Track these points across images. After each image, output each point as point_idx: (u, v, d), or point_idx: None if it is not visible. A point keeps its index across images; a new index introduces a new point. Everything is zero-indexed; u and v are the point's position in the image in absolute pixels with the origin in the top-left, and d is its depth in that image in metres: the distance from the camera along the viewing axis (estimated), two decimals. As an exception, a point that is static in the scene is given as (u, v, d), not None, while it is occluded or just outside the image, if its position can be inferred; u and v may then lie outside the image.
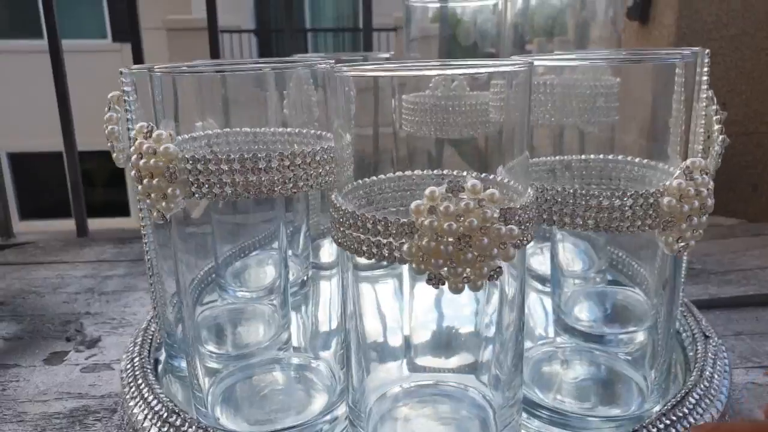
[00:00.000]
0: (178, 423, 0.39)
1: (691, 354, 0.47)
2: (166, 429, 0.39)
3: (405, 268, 0.38)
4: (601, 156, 0.41)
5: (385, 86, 0.35)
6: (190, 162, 0.34)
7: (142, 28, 0.95)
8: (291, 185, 0.35)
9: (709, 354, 0.45)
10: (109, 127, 0.48)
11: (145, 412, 0.41)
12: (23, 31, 5.66)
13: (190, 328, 0.41)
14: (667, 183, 0.35)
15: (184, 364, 0.47)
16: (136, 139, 0.35)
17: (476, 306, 0.39)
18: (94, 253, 0.86)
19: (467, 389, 0.39)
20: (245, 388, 0.44)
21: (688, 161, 0.35)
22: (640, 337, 0.45)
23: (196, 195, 0.35)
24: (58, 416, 0.48)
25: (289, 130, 0.41)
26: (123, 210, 5.91)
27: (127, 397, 0.43)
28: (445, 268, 0.28)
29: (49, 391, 0.51)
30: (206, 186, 0.34)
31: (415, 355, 0.41)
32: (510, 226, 0.28)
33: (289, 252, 0.52)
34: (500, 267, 0.29)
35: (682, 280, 0.49)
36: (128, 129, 0.45)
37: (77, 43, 5.24)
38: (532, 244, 0.54)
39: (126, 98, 0.45)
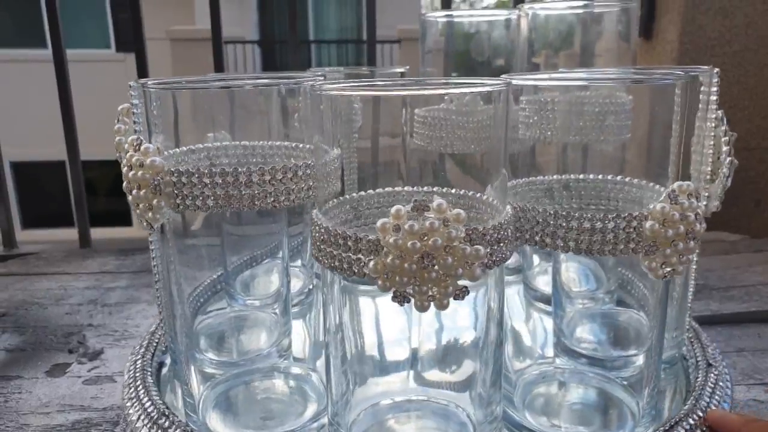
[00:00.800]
0: (166, 425, 0.40)
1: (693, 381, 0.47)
2: (155, 430, 0.40)
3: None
4: (600, 176, 0.41)
5: (396, 101, 0.35)
6: (175, 175, 0.36)
7: (145, 39, 0.96)
8: (271, 199, 0.36)
9: (709, 383, 0.44)
10: (117, 138, 0.49)
11: (139, 412, 0.42)
12: (27, 41, 5.69)
13: (182, 336, 0.42)
14: (651, 207, 0.34)
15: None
16: (128, 152, 0.37)
17: (461, 322, 0.39)
18: (96, 264, 0.86)
19: (448, 405, 0.40)
20: (238, 395, 0.45)
21: (675, 185, 0.34)
22: (640, 361, 0.44)
23: (180, 207, 0.36)
24: (61, 428, 0.48)
25: (286, 144, 0.42)
26: (125, 219, 5.91)
27: (125, 400, 0.44)
28: (411, 286, 0.29)
29: (51, 403, 0.51)
30: (189, 198, 0.36)
31: (400, 371, 0.41)
32: (476, 246, 0.29)
33: (298, 262, 0.53)
34: (466, 287, 0.29)
35: (688, 303, 0.49)
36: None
37: (81, 52, 5.26)
38: (538, 263, 0.54)
39: (134, 110, 0.45)
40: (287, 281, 0.48)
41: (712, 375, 0.46)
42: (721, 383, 0.45)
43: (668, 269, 0.34)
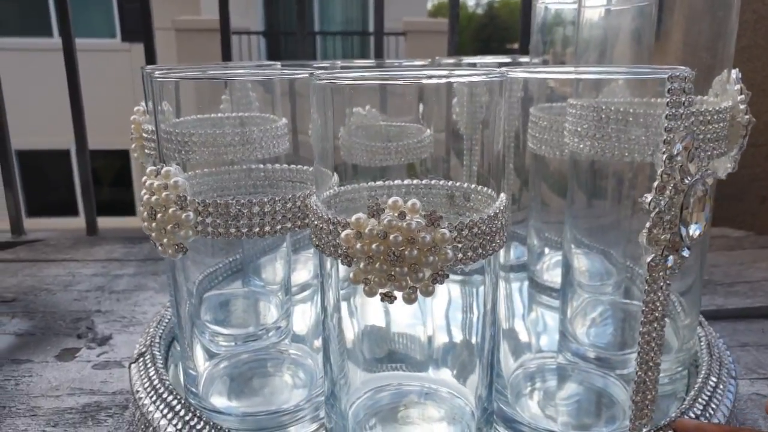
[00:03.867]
0: (177, 407, 0.41)
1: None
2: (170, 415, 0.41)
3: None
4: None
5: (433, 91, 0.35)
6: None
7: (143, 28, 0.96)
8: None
9: (704, 390, 0.44)
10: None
11: (151, 395, 0.43)
12: (32, 29, 5.69)
13: (189, 313, 0.43)
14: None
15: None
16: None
17: (455, 313, 0.40)
18: (104, 251, 0.87)
19: (446, 394, 0.40)
20: (239, 373, 0.46)
21: (390, 200, 0.29)
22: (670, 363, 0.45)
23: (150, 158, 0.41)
24: (71, 411, 0.48)
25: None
26: (129, 209, 5.93)
27: (137, 386, 0.44)
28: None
29: (61, 386, 0.52)
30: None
31: (394, 360, 0.42)
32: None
33: (312, 249, 0.53)
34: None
35: (699, 310, 0.48)
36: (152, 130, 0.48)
37: (86, 42, 5.25)
38: (549, 254, 0.54)
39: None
40: (288, 261, 0.50)
41: (707, 389, 0.44)
42: (715, 400, 0.43)
43: (382, 290, 0.30)
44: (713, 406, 0.42)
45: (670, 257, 0.33)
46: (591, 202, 0.46)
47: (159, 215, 0.36)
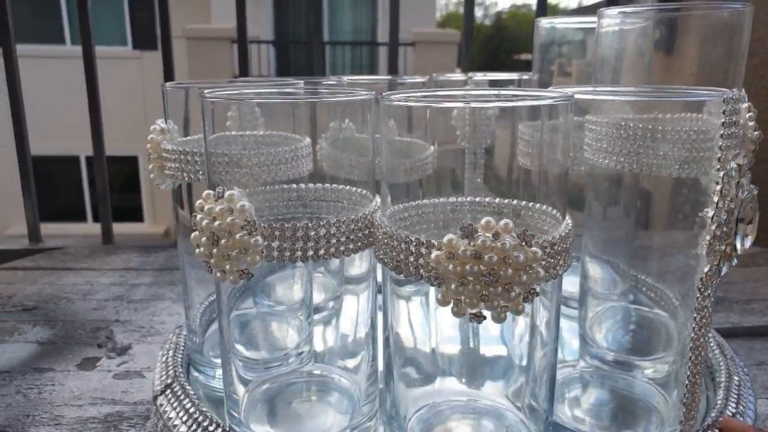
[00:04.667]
0: (206, 423, 0.42)
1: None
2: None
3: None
4: (538, 205, 0.37)
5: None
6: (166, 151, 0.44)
7: (160, 37, 0.97)
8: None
9: (732, 394, 0.45)
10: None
11: (178, 410, 0.43)
12: (43, 36, 5.74)
13: (226, 333, 0.42)
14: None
15: (208, 373, 0.50)
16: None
17: (507, 334, 0.40)
18: (120, 260, 0.88)
19: (502, 410, 0.40)
20: (277, 399, 0.46)
21: (483, 220, 0.30)
22: (664, 363, 0.45)
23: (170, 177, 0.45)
24: (94, 421, 0.49)
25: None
26: (137, 215, 5.95)
27: (164, 405, 0.44)
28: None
29: (83, 396, 0.52)
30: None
31: (439, 373, 0.42)
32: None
33: (322, 268, 0.53)
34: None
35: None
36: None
37: (97, 49, 5.29)
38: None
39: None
40: (309, 286, 0.49)
41: (734, 387, 0.46)
42: (743, 396, 0.46)
43: (472, 311, 0.30)
44: (743, 403, 0.44)
45: (724, 267, 0.34)
46: (606, 214, 0.47)
47: (223, 241, 0.34)
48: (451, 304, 0.30)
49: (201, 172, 0.45)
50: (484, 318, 0.30)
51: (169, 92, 0.48)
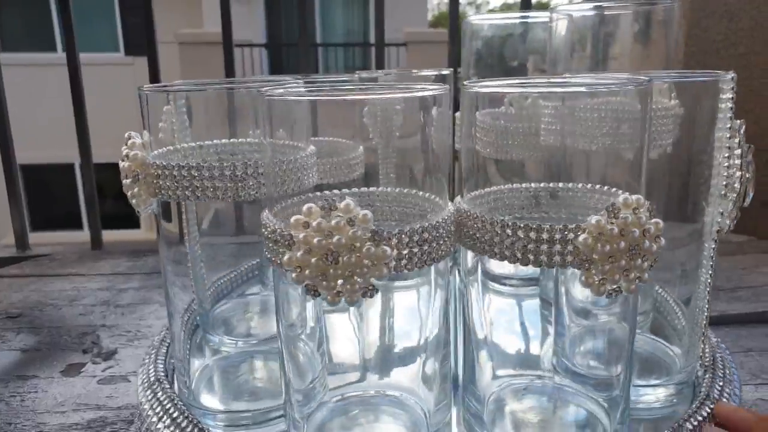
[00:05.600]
0: (183, 424, 0.41)
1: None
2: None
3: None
4: (589, 185, 0.39)
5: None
6: (159, 168, 0.40)
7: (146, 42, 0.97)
8: (231, 194, 0.39)
9: (717, 383, 0.45)
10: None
11: (158, 412, 0.43)
12: (36, 44, 5.73)
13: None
14: (587, 219, 0.32)
15: (218, 339, 0.51)
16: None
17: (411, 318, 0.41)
18: (109, 265, 0.87)
19: (403, 399, 0.41)
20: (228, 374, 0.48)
21: (621, 198, 0.32)
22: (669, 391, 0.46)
23: (160, 197, 0.41)
24: (77, 427, 0.49)
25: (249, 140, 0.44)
26: (133, 222, 5.94)
27: (148, 410, 0.44)
28: (318, 279, 0.30)
29: (66, 402, 0.52)
30: (169, 190, 0.40)
31: (352, 368, 0.43)
32: (382, 246, 0.30)
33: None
34: (374, 286, 0.30)
35: (702, 329, 0.48)
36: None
37: (90, 56, 5.29)
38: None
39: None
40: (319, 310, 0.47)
41: (719, 376, 0.46)
42: (727, 387, 0.46)
43: (612, 287, 0.32)
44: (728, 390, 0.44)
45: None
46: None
47: (345, 258, 0.30)
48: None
49: (211, 189, 0.40)
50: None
51: (150, 96, 0.43)
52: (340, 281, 0.30)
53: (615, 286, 0.32)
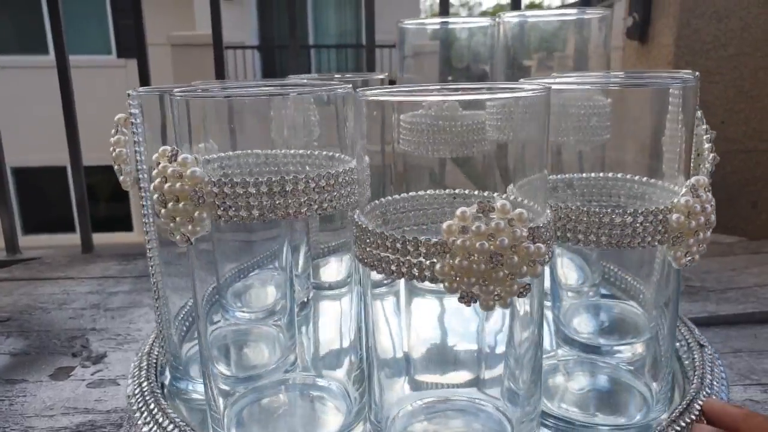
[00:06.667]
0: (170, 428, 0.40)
1: (687, 362, 0.49)
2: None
3: (402, 284, 0.39)
4: (602, 174, 0.43)
5: (388, 107, 0.36)
6: (217, 186, 0.34)
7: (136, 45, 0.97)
8: (316, 207, 0.36)
9: (707, 362, 0.47)
10: (117, 149, 0.48)
11: (146, 416, 0.43)
12: (29, 47, 5.71)
13: (204, 347, 0.41)
14: (675, 200, 0.36)
15: (190, 387, 0.48)
16: (159, 163, 0.35)
17: (480, 322, 0.39)
18: (99, 269, 0.87)
19: (481, 404, 0.40)
20: (259, 411, 0.44)
21: (693, 179, 0.36)
22: (639, 348, 0.46)
23: (222, 218, 0.34)
24: (65, 431, 0.48)
25: (301, 152, 0.42)
26: (126, 224, 5.92)
27: (139, 420, 0.43)
28: (477, 286, 0.29)
29: (55, 406, 0.52)
30: (233, 209, 0.34)
31: (418, 371, 0.42)
32: (538, 244, 0.29)
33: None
34: (529, 284, 0.30)
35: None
36: (135, 151, 0.46)
37: (82, 58, 5.27)
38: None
39: (133, 120, 0.45)
40: (292, 292, 0.47)
41: (707, 355, 0.48)
42: (716, 362, 0.47)
43: (689, 258, 0.37)
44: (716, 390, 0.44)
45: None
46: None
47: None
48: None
49: (284, 206, 0.35)
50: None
51: (144, 98, 0.44)
52: (498, 285, 0.29)
53: (691, 257, 0.37)
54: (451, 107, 0.51)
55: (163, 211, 0.35)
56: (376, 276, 0.34)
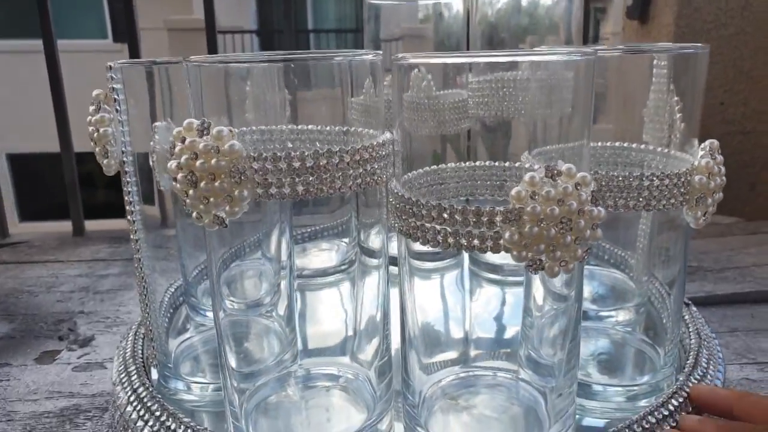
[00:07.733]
0: (158, 412, 0.39)
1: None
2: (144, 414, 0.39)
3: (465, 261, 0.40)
4: (599, 143, 0.43)
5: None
6: (258, 161, 0.31)
7: (142, 28, 0.95)
8: (360, 181, 0.33)
9: (696, 317, 0.49)
10: (101, 129, 0.44)
11: (129, 395, 0.41)
12: (24, 31, 5.67)
13: (218, 321, 0.38)
14: (696, 162, 0.37)
15: (180, 386, 0.46)
16: (184, 138, 0.31)
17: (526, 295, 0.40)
18: (89, 251, 0.86)
19: (517, 381, 0.40)
20: (277, 405, 0.42)
21: (708, 142, 0.38)
22: (630, 313, 0.48)
23: (263, 197, 0.31)
24: (48, 415, 0.48)
25: (319, 127, 0.39)
26: (123, 211, 5.91)
27: (122, 399, 0.42)
28: (545, 253, 0.28)
29: (39, 390, 0.51)
30: (275, 186, 0.31)
31: (467, 347, 0.42)
32: (599, 207, 0.29)
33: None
34: (590, 248, 0.29)
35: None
36: (121, 131, 0.43)
37: (77, 43, 5.24)
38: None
39: (116, 97, 0.43)
40: (292, 287, 0.44)
41: (693, 311, 0.50)
42: (713, 361, 0.45)
43: (705, 217, 0.38)
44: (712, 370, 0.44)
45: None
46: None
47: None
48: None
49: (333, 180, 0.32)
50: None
51: (127, 71, 0.41)
52: (564, 250, 0.28)
53: (707, 216, 0.38)
54: (427, 87, 0.48)
55: (191, 191, 0.31)
56: (418, 248, 0.33)
